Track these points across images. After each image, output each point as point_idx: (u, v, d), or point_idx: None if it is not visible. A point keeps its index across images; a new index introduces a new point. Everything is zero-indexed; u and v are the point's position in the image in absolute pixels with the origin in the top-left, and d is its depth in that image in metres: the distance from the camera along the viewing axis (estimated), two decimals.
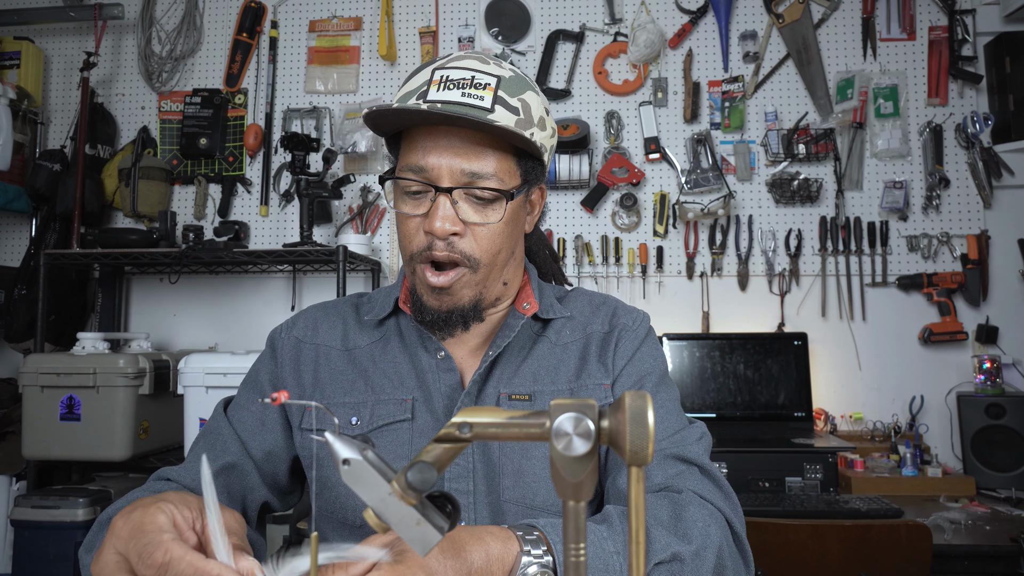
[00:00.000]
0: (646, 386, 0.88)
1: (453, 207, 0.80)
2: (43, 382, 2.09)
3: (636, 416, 0.38)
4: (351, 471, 0.45)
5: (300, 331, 0.95)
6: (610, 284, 2.51)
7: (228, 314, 2.64)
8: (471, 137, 0.80)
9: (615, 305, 0.96)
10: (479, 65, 0.82)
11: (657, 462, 0.82)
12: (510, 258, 0.87)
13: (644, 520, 0.38)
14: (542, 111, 0.85)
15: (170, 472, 0.85)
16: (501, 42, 2.62)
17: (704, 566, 0.71)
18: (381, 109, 0.78)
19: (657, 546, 0.69)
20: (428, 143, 0.80)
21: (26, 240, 2.66)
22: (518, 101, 0.81)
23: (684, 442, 0.84)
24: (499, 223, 0.82)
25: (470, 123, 0.77)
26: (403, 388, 0.88)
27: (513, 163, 0.83)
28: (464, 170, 0.79)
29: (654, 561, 0.67)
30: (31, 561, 2.00)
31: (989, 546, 1.65)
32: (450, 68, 0.81)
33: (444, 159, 0.79)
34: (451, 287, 0.82)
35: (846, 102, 2.44)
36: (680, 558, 0.69)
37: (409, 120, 0.82)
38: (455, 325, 0.85)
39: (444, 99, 0.79)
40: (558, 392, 0.88)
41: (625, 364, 0.89)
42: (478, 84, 0.80)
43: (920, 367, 2.40)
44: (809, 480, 2.01)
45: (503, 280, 0.88)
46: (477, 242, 0.82)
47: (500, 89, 0.80)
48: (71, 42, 2.78)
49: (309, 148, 2.36)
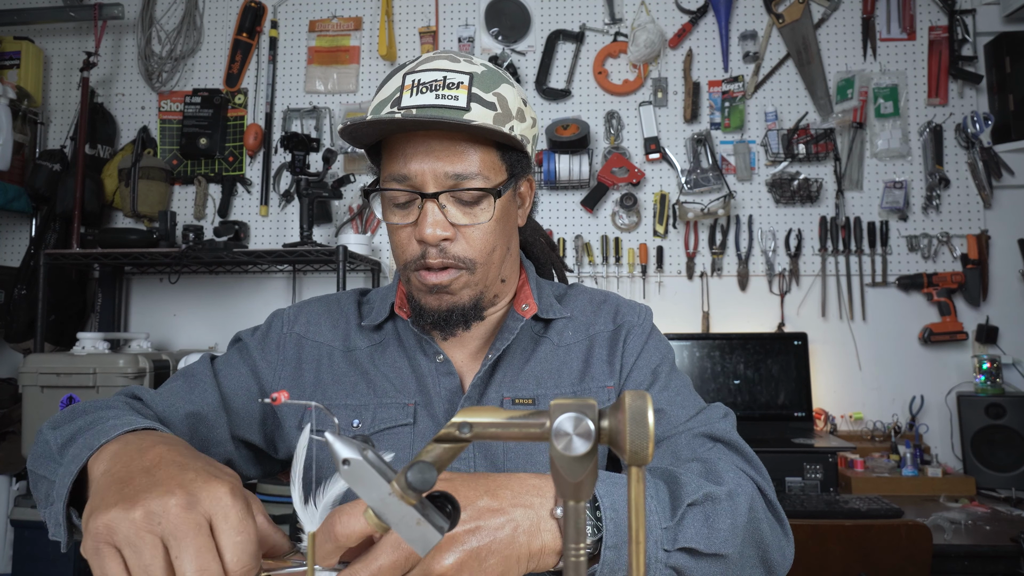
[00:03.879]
0: (660, 377, 0.89)
1: (441, 211, 0.79)
2: (43, 382, 2.09)
3: (636, 416, 0.38)
4: (351, 471, 0.45)
5: (302, 327, 0.94)
6: (610, 284, 2.51)
7: (228, 314, 2.64)
8: (451, 139, 0.78)
9: (617, 302, 0.95)
10: (450, 64, 0.80)
11: (686, 441, 0.82)
12: (506, 254, 0.87)
13: (644, 520, 0.38)
14: (519, 102, 0.83)
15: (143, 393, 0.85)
16: (501, 42, 2.62)
17: (739, 507, 0.69)
18: (356, 123, 0.77)
19: (688, 488, 0.68)
20: (408, 150, 0.79)
21: (26, 240, 2.66)
22: (493, 96, 0.80)
23: (710, 420, 0.84)
24: (489, 222, 0.81)
25: (447, 126, 0.76)
26: (404, 392, 0.88)
27: (497, 158, 0.82)
28: (448, 173, 0.78)
29: (687, 502, 0.66)
30: (31, 561, 2.00)
31: (989, 546, 1.65)
32: (421, 71, 0.80)
33: (426, 164, 0.78)
34: (450, 285, 0.81)
35: (846, 102, 2.44)
36: (713, 497, 0.68)
37: (387, 129, 0.80)
38: (456, 324, 0.84)
39: (418, 104, 0.77)
40: (562, 395, 0.88)
41: (635, 359, 0.89)
42: (451, 84, 0.78)
43: (920, 367, 2.41)
44: (809, 480, 2.01)
45: (501, 277, 0.88)
46: (470, 244, 0.81)
47: (474, 86, 0.79)
48: (71, 42, 2.78)
49: (309, 148, 2.36)
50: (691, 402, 0.87)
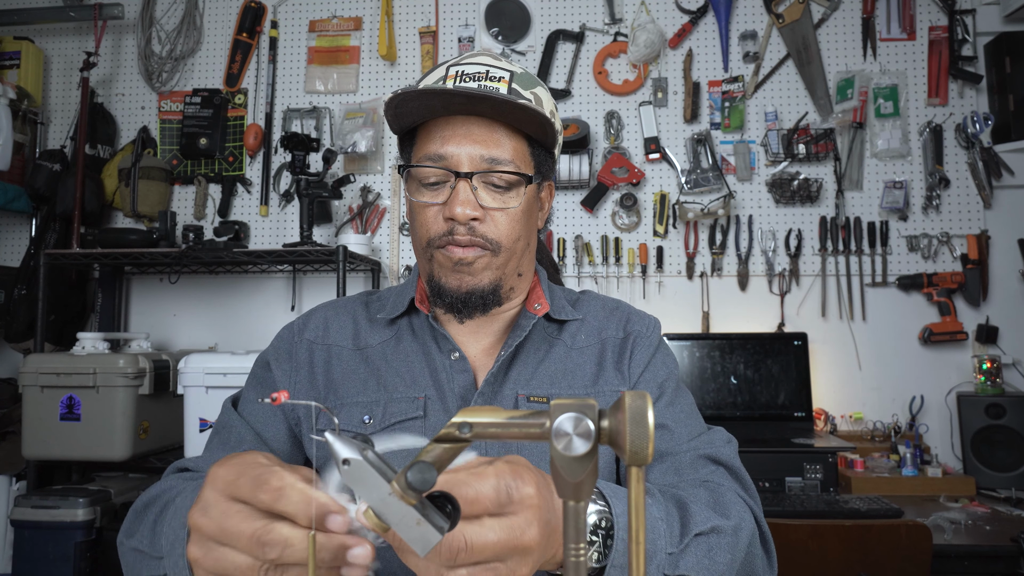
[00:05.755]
0: (666, 392, 0.90)
1: (473, 193, 0.81)
2: (43, 382, 2.09)
3: (636, 416, 0.38)
4: (351, 471, 0.45)
5: (312, 333, 0.94)
6: (610, 284, 2.51)
7: (228, 314, 2.64)
8: (489, 126, 0.82)
9: (628, 311, 0.97)
10: (493, 61, 0.85)
11: (690, 460, 0.83)
12: (526, 248, 0.89)
13: (644, 520, 0.38)
14: (552, 106, 0.89)
15: (188, 463, 0.85)
16: (501, 42, 2.62)
17: (740, 543, 0.72)
18: (406, 91, 0.79)
19: (697, 519, 0.70)
20: (447, 132, 0.82)
21: (26, 240, 2.66)
22: (531, 94, 0.85)
23: (714, 443, 0.85)
24: (517, 208, 0.84)
25: (491, 105, 0.79)
26: (415, 386, 0.88)
27: (527, 152, 0.86)
28: (483, 156, 0.81)
29: (694, 532, 0.68)
30: (31, 561, 2.00)
31: (989, 546, 1.65)
32: (465, 64, 0.84)
33: (463, 147, 0.81)
34: (474, 263, 0.83)
35: (846, 102, 2.44)
36: (719, 531, 0.70)
37: (429, 110, 0.83)
38: (474, 307, 0.85)
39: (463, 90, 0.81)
40: (575, 396, 0.88)
41: (642, 372, 0.90)
42: (492, 77, 0.83)
43: (920, 367, 2.41)
44: (809, 480, 2.01)
45: (519, 271, 0.89)
46: (497, 227, 0.83)
47: (514, 83, 0.84)
48: (71, 42, 2.78)
49: (309, 148, 2.36)
50: (696, 422, 0.89)
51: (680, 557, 0.67)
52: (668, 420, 0.87)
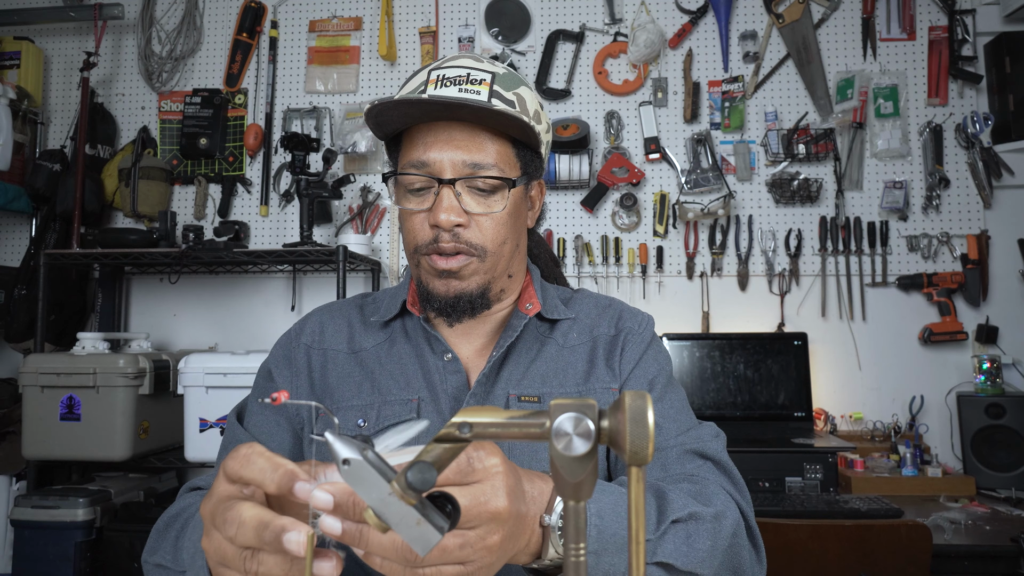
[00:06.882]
0: (656, 388, 0.89)
1: (456, 199, 0.81)
2: (43, 382, 2.09)
3: (636, 416, 0.38)
4: (351, 471, 0.45)
5: (308, 337, 0.94)
6: (610, 284, 2.51)
7: (228, 314, 2.64)
8: (471, 130, 0.82)
9: (620, 308, 0.97)
10: (474, 63, 0.85)
11: (676, 456, 0.83)
12: (515, 250, 0.89)
13: (644, 520, 0.38)
14: (536, 105, 0.88)
15: (199, 482, 0.86)
16: (501, 42, 2.62)
17: (722, 531, 0.71)
18: (383, 102, 0.79)
19: (675, 505, 0.69)
20: (429, 138, 0.82)
21: (26, 240, 2.66)
22: (513, 95, 0.84)
23: (701, 439, 0.85)
24: (502, 212, 0.84)
25: (470, 112, 0.79)
26: (409, 388, 0.88)
27: (512, 155, 0.85)
28: (466, 161, 0.81)
29: (671, 519, 0.68)
30: (31, 561, 2.00)
31: (989, 546, 1.65)
32: (446, 68, 0.84)
33: (445, 153, 0.81)
34: (459, 271, 0.83)
35: (846, 102, 2.44)
36: (698, 517, 0.70)
37: (410, 117, 0.83)
38: (463, 311, 0.85)
39: (442, 96, 0.81)
40: (567, 395, 0.88)
41: (633, 368, 0.90)
42: (474, 80, 0.83)
43: (920, 367, 2.41)
44: (809, 480, 2.01)
45: (508, 272, 0.89)
46: (482, 232, 0.83)
47: (495, 84, 0.83)
48: (71, 42, 2.78)
49: (309, 148, 2.36)
50: (685, 417, 0.88)
51: (658, 544, 0.66)
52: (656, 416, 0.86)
